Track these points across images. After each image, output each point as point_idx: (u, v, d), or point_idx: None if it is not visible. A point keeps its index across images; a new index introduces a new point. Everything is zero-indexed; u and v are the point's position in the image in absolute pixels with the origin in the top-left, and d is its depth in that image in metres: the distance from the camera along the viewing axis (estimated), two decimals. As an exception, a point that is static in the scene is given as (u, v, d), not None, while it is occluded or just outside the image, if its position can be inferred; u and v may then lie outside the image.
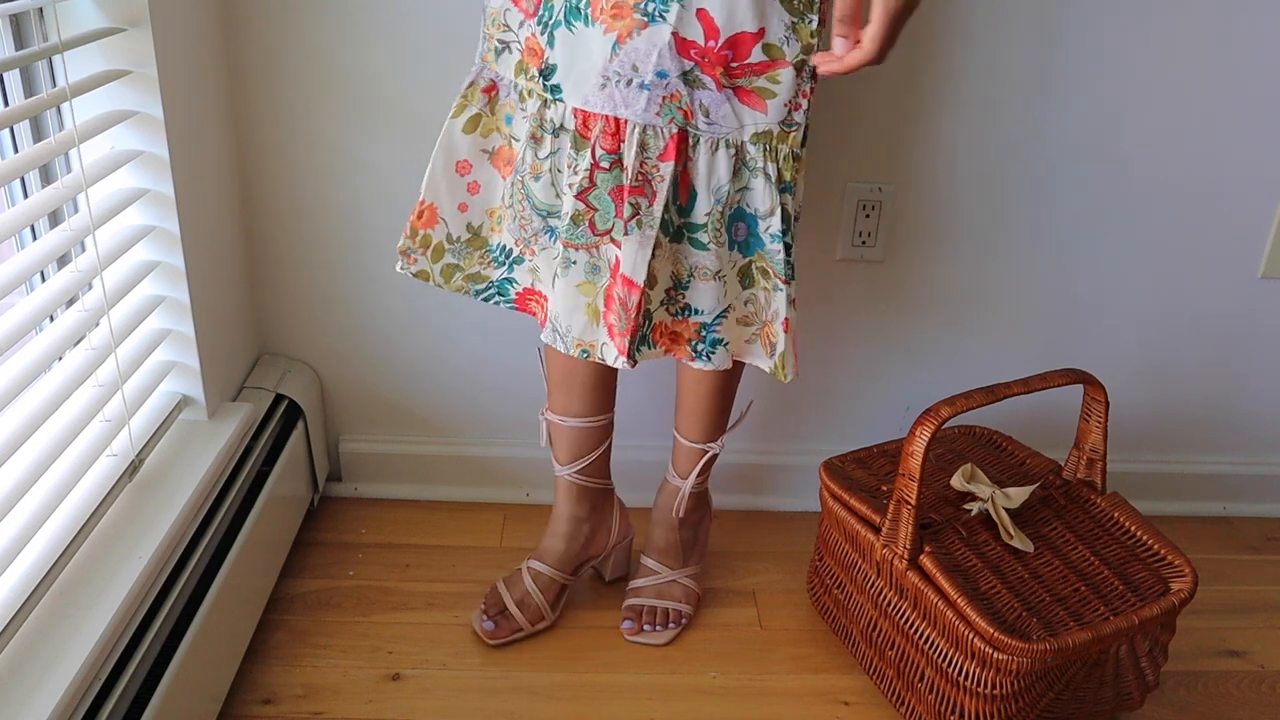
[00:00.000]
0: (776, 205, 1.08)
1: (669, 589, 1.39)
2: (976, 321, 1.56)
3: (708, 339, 1.15)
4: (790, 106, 1.06)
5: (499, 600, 1.36)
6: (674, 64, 1.03)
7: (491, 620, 1.34)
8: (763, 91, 1.05)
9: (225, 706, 1.19)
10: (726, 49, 1.02)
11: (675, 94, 1.04)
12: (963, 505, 1.27)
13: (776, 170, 1.08)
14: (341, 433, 1.59)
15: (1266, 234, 1.52)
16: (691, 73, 1.04)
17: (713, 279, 1.12)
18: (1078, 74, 1.41)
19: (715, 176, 1.08)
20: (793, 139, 1.08)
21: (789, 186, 1.09)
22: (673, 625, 1.37)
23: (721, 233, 1.10)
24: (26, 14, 1.07)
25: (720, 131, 1.06)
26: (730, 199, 1.09)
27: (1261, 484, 1.69)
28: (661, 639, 1.36)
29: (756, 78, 1.04)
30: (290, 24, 1.33)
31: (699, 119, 1.06)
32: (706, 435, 1.33)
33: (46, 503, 1.00)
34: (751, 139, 1.07)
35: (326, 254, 1.47)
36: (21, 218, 0.97)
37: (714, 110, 1.05)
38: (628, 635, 1.36)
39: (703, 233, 1.10)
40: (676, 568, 1.40)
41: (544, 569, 1.37)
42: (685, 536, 1.41)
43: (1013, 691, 1.12)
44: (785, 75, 1.05)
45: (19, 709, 0.86)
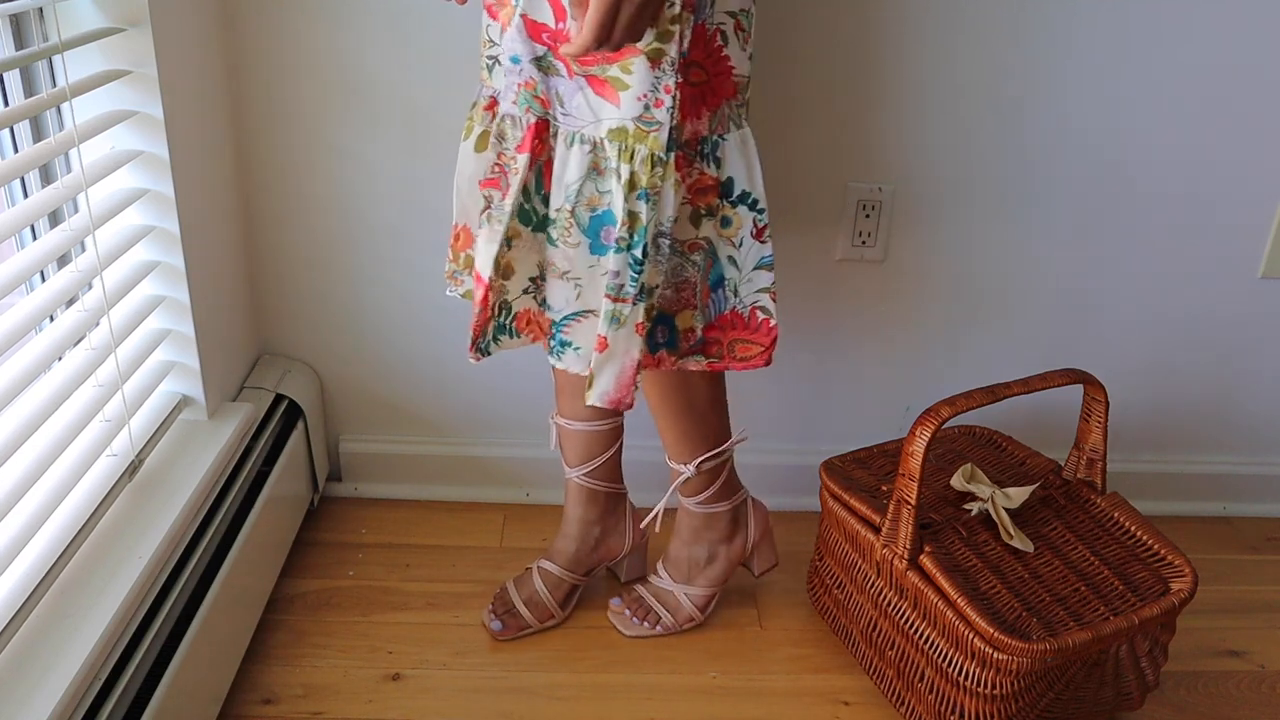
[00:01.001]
0: (628, 214, 1.00)
1: (666, 596, 1.37)
2: (976, 322, 1.56)
3: (557, 337, 1.10)
4: (648, 102, 0.98)
5: (507, 600, 1.36)
6: (525, 48, 0.99)
7: (499, 619, 1.34)
8: (615, 82, 0.98)
9: (225, 706, 1.19)
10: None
11: (530, 81, 1.00)
12: (963, 505, 1.27)
13: (630, 173, 0.99)
14: (341, 433, 1.59)
15: (1266, 234, 1.52)
16: (545, 58, 0.99)
17: (560, 278, 1.06)
18: (1078, 75, 1.41)
19: (567, 172, 1.02)
20: (653, 140, 0.98)
21: (646, 194, 1.00)
22: (647, 625, 1.36)
23: (572, 231, 1.03)
24: (26, 14, 1.07)
25: (575, 124, 1.01)
26: (591, 199, 1.03)
27: (1261, 484, 1.69)
28: (628, 629, 1.36)
29: (609, 66, 0.97)
30: (290, 24, 1.33)
31: (555, 108, 1.00)
32: (675, 453, 1.28)
33: (46, 503, 1.00)
34: (608, 135, 1.00)
35: (326, 254, 1.47)
36: (21, 218, 0.97)
37: (568, 100, 1.00)
38: (609, 609, 1.38)
39: (554, 228, 1.04)
40: (680, 581, 1.37)
41: (553, 569, 1.37)
42: (695, 554, 1.36)
43: (1013, 691, 1.12)
44: (638, 65, 0.97)
45: (19, 709, 0.86)
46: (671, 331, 1.11)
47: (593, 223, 1.04)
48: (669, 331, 1.11)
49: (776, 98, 1.40)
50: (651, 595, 1.38)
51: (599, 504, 1.36)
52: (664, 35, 0.95)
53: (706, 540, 1.35)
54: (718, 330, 1.13)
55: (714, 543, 1.35)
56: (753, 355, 1.14)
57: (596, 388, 1.06)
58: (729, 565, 1.37)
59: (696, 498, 1.32)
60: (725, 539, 1.35)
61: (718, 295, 1.11)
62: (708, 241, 1.08)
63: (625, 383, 1.05)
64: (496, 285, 1.07)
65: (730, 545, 1.36)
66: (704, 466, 1.27)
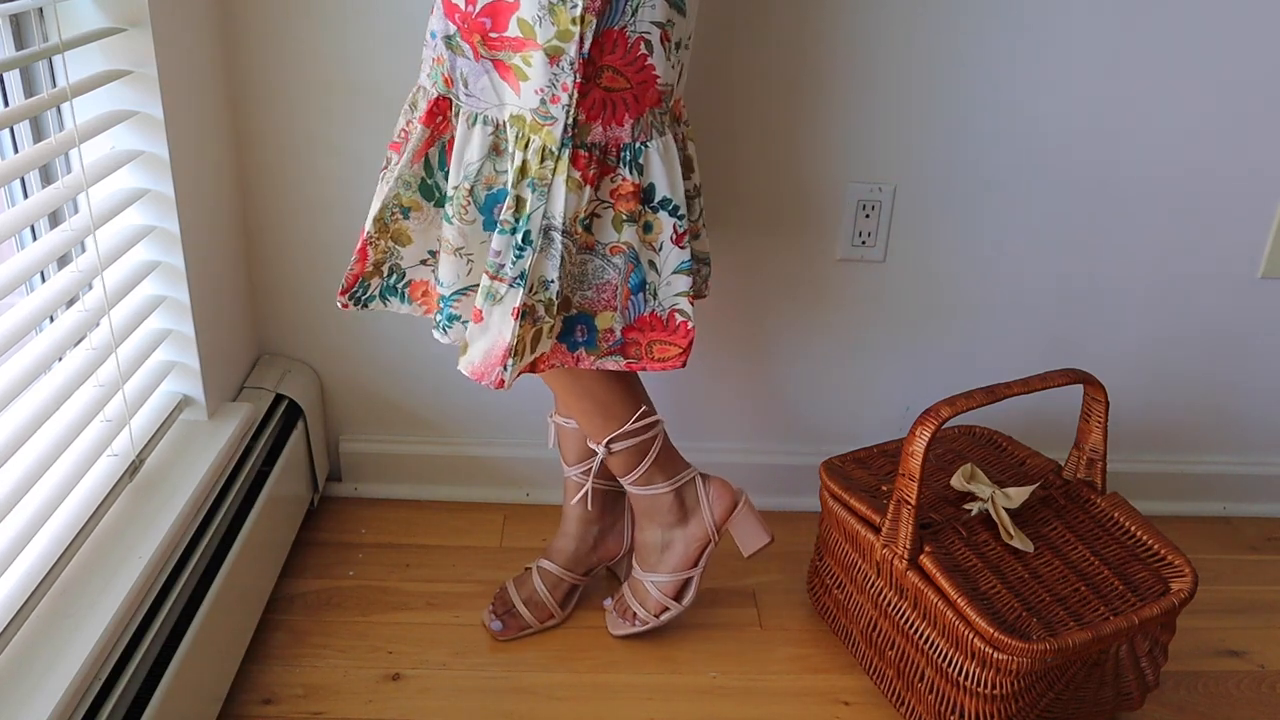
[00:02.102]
0: (515, 198, 1.04)
1: (636, 587, 1.35)
2: (976, 321, 1.56)
3: (445, 311, 1.12)
4: (544, 96, 1.00)
5: (507, 600, 1.36)
6: (440, 25, 1.02)
7: (499, 619, 1.34)
8: (517, 71, 1.01)
9: (225, 706, 1.19)
10: (484, 16, 0.99)
11: (439, 57, 1.04)
12: (963, 505, 1.27)
13: (522, 161, 1.03)
14: (341, 433, 1.59)
15: (1266, 234, 1.52)
16: (454, 38, 1.02)
17: (453, 254, 1.08)
18: (1079, 75, 1.41)
19: (467, 151, 1.05)
20: (547, 133, 1.01)
21: (534, 183, 1.03)
22: (626, 622, 1.35)
23: (469, 209, 1.06)
24: (27, 14, 1.07)
25: (478, 105, 1.03)
26: (489, 178, 1.06)
27: (1261, 484, 1.69)
28: (615, 629, 1.36)
29: (514, 54, 1.00)
30: (290, 24, 1.33)
31: (459, 87, 1.04)
32: (588, 436, 1.28)
33: (47, 503, 1.00)
34: (509, 119, 1.03)
35: (326, 254, 1.47)
36: (22, 218, 0.97)
37: (472, 81, 1.03)
38: (609, 606, 1.38)
39: (450, 205, 1.07)
40: (647, 570, 1.34)
41: (552, 568, 1.37)
42: (650, 540, 1.33)
43: (1013, 691, 1.12)
44: (536, 59, 0.99)
45: (19, 709, 0.86)
46: (591, 331, 1.13)
47: (488, 200, 1.07)
48: (588, 331, 1.13)
49: (777, 98, 1.40)
50: (629, 590, 1.37)
51: (598, 503, 1.36)
52: (564, 34, 0.97)
53: (658, 524, 1.33)
54: (636, 331, 1.14)
55: (666, 527, 1.33)
56: (670, 356, 1.15)
57: (466, 356, 1.09)
58: (688, 549, 1.33)
59: (628, 478, 1.29)
60: (678, 522, 1.32)
61: (637, 298, 1.13)
62: (629, 246, 1.10)
63: (493, 361, 1.07)
64: (375, 242, 1.11)
65: (685, 528, 1.32)
66: (614, 446, 1.26)
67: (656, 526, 1.33)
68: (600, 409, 1.26)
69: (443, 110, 1.06)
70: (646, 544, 1.34)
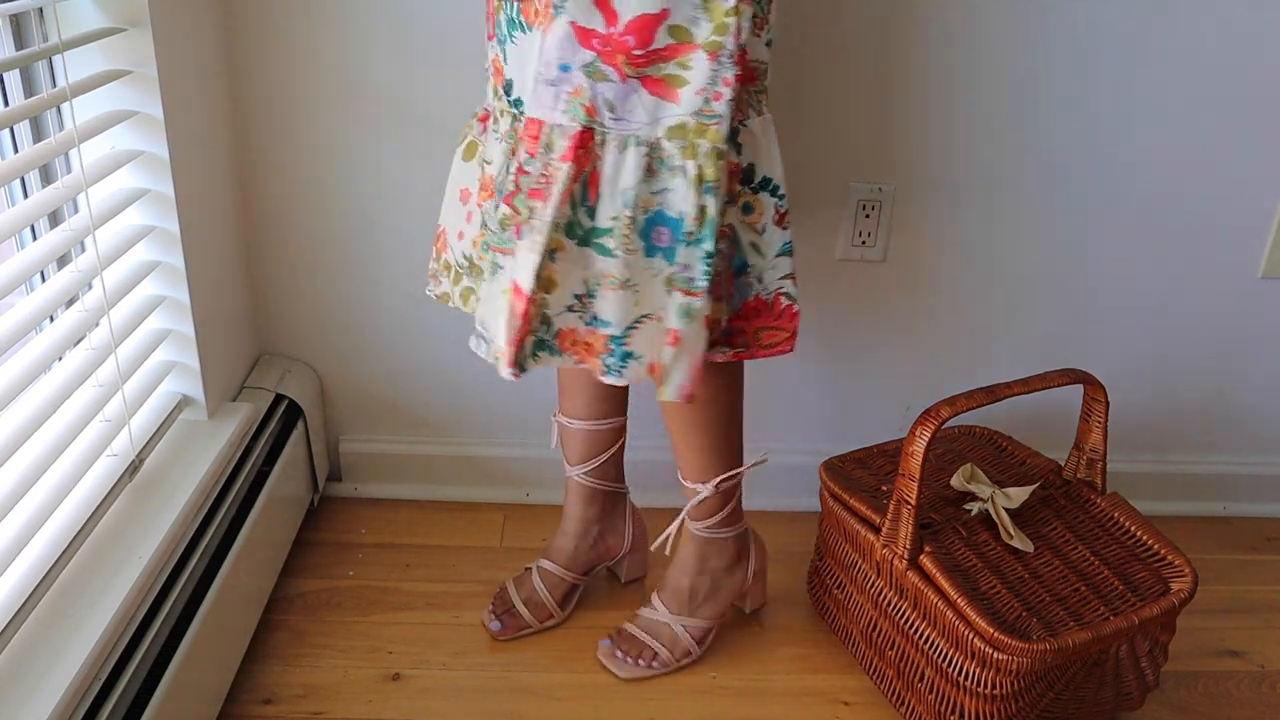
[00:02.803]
0: (698, 208, 0.99)
1: (659, 629, 1.31)
2: (976, 321, 1.56)
3: (617, 352, 1.05)
4: (707, 95, 0.97)
5: (507, 599, 1.36)
6: (574, 55, 0.97)
7: (499, 619, 1.34)
8: (672, 80, 0.97)
9: (225, 706, 1.19)
10: (629, 34, 0.95)
11: (578, 89, 0.98)
12: (963, 505, 1.27)
13: (698, 168, 0.98)
14: (341, 433, 1.59)
15: (1266, 234, 1.52)
16: (594, 64, 0.97)
17: (620, 288, 1.02)
18: (1078, 74, 1.41)
19: (621, 178, 0.99)
20: (713, 133, 0.98)
21: (712, 187, 0.99)
22: (642, 664, 1.30)
23: (632, 238, 1.01)
24: (26, 14, 1.07)
25: (628, 128, 0.99)
26: (644, 202, 1.00)
27: (1261, 484, 1.69)
28: (622, 672, 1.30)
29: (666, 64, 0.97)
30: (290, 24, 1.33)
31: (604, 115, 0.98)
32: (692, 472, 1.24)
33: (47, 503, 1.00)
34: (666, 134, 0.99)
35: (326, 254, 1.47)
36: (21, 218, 0.97)
37: (619, 104, 0.98)
38: (599, 651, 1.32)
39: (608, 238, 1.01)
40: (676, 612, 1.31)
41: (552, 568, 1.36)
42: (697, 584, 1.31)
43: (1013, 691, 1.12)
44: (697, 59, 0.96)
45: (19, 709, 0.86)
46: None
47: (646, 225, 1.02)
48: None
49: (778, 98, 1.40)
50: (644, 631, 1.32)
51: (599, 503, 1.36)
52: (721, 28, 0.95)
53: (710, 570, 1.31)
54: (742, 319, 1.11)
55: (718, 572, 1.31)
56: (778, 342, 1.13)
57: (671, 383, 1.05)
58: (730, 597, 1.33)
59: (706, 521, 1.27)
60: (729, 569, 1.31)
61: (740, 283, 1.10)
62: (731, 229, 1.06)
63: (696, 375, 1.05)
64: (538, 299, 1.02)
65: (732, 576, 1.32)
66: (722, 487, 1.24)
67: (708, 571, 1.31)
68: (721, 444, 1.22)
69: (585, 143, 1.00)
70: (691, 588, 1.31)
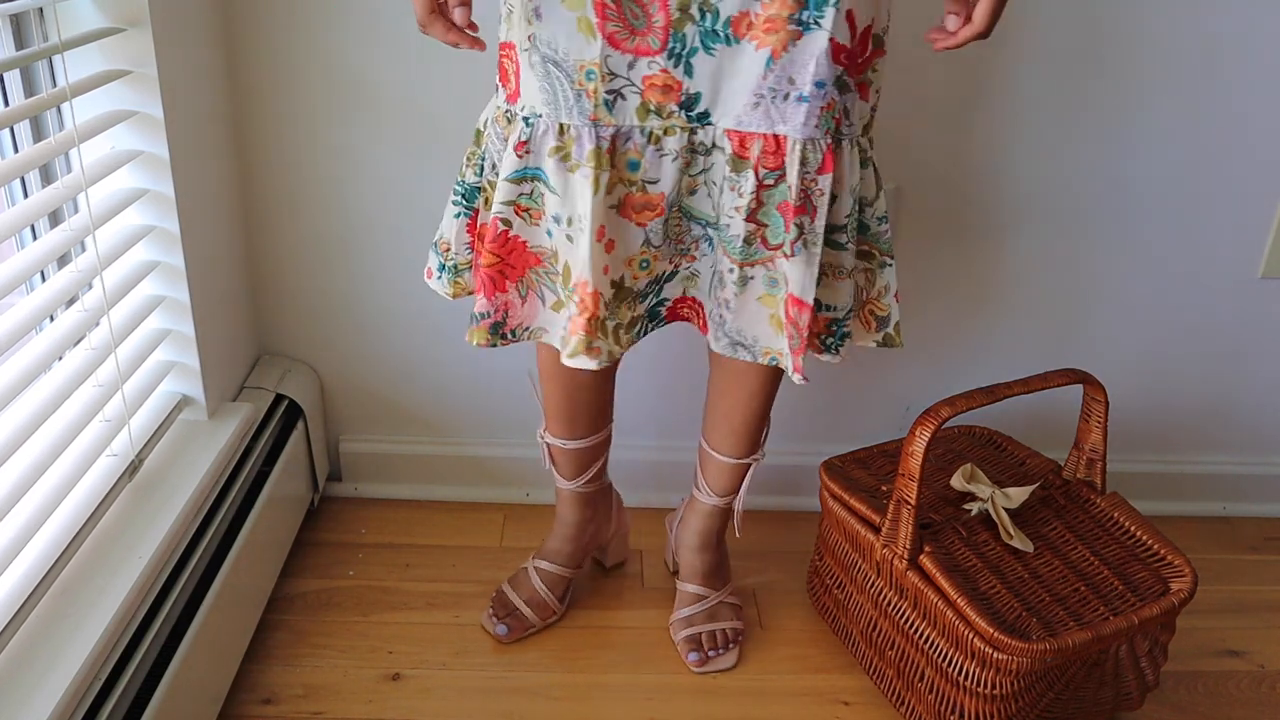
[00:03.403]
0: (879, 189, 1.09)
1: (720, 611, 1.36)
2: (977, 321, 1.56)
3: (838, 333, 1.12)
4: (877, 87, 1.07)
5: (508, 603, 1.36)
6: (829, 71, 0.99)
7: (503, 623, 1.34)
8: (869, 81, 1.05)
9: (225, 706, 1.19)
10: (859, 45, 1.01)
11: (831, 102, 1.01)
12: (963, 505, 1.27)
13: (872, 156, 1.09)
14: (341, 433, 1.59)
15: (1266, 234, 1.52)
16: (841, 77, 1.01)
17: (847, 276, 1.10)
18: (1078, 74, 1.41)
19: (852, 176, 1.06)
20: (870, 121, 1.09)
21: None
22: (734, 645, 1.34)
23: (854, 230, 1.09)
24: (26, 14, 1.07)
25: (854, 131, 1.05)
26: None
27: (1261, 484, 1.69)
28: (730, 661, 1.33)
29: (868, 69, 1.04)
30: (290, 24, 1.33)
31: (844, 123, 1.04)
32: (742, 445, 1.29)
33: (46, 503, 1.00)
34: (861, 130, 1.07)
35: (326, 254, 1.47)
36: (21, 218, 0.97)
37: (852, 111, 1.04)
38: (696, 668, 1.32)
39: (842, 233, 1.07)
40: (720, 588, 1.37)
41: (551, 568, 1.37)
42: (720, 557, 1.38)
43: (1013, 691, 1.12)
44: (882, 63, 1.05)
45: (19, 709, 0.86)
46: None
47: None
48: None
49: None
50: (708, 621, 1.35)
51: (593, 504, 1.36)
52: (886, 28, 1.04)
53: (720, 541, 1.39)
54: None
55: (723, 537, 1.40)
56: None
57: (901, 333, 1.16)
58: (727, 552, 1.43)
59: (736, 493, 1.32)
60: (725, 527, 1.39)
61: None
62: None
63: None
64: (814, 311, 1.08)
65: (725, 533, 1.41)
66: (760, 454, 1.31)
67: (722, 542, 1.40)
68: (765, 413, 1.29)
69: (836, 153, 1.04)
70: (718, 562, 1.39)
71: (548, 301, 1.11)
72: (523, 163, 1.04)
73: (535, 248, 1.09)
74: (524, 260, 1.09)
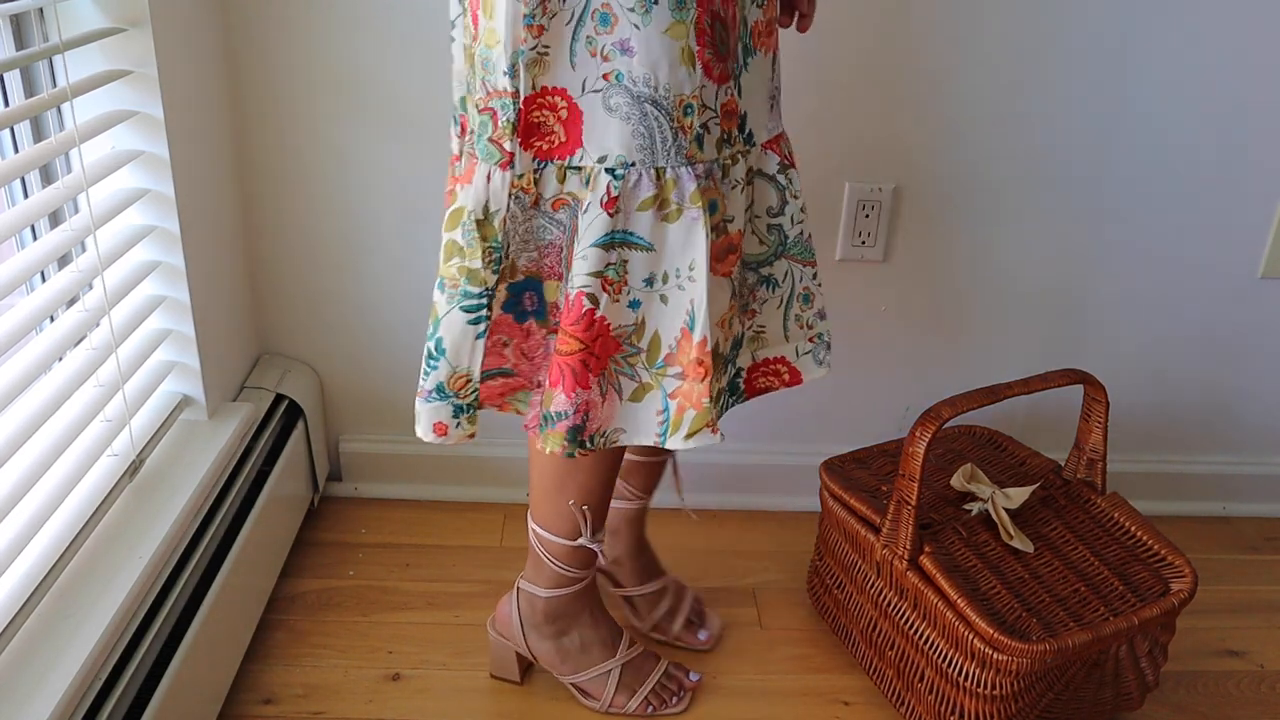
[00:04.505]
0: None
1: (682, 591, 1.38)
2: (976, 321, 1.56)
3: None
4: None
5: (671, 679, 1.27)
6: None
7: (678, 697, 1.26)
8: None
9: (225, 706, 1.19)
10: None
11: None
12: (963, 505, 1.27)
13: None
14: (341, 433, 1.59)
15: (1266, 234, 1.52)
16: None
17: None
18: (1077, 75, 1.41)
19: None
20: None
21: None
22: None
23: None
24: (27, 14, 1.07)
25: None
26: None
27: (1261, 484, 1.69)
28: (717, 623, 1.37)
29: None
30: (290, 24, 1.33)
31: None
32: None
33: (47, 503, 1.00)
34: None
35: (327, 254, 1.47)
36: (22, 218, 0.97)
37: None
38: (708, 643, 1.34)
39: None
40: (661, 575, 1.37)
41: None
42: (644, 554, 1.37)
43: (1013, 692, 1.12)
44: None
45: (19, 709, 0.86)
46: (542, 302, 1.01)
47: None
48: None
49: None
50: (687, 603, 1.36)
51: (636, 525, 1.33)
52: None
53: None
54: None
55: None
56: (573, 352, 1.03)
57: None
58: None
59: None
60: None
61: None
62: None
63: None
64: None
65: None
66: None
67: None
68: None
69: None
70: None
71: (625, 393, 0.97)
72: (614, 224, 0.91)
73: (618, 330, 0.95)
74: (608, 347, 0.95)
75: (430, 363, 0.98)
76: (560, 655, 1.22)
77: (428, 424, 1.00)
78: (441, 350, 0.97)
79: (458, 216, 0.95)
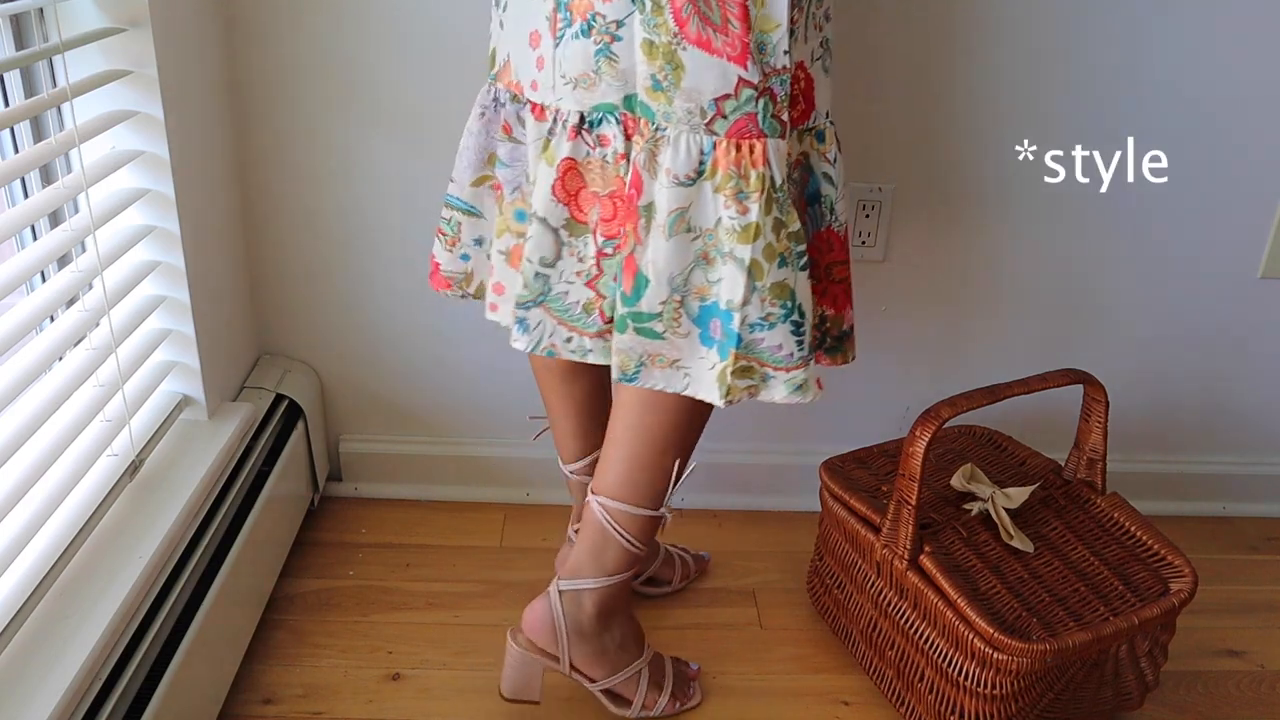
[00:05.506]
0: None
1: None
2: (976, 321, 1.56)
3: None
4: None
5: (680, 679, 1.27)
6: None
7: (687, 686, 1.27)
8: None
9: (225, 706, 1.19)
10: None
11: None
12: (963, 505, 1.27)
13: None
14: (341, 433, 1.59)
15: (1266, 234, 1.52)
16: None
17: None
18: (1076, 74, 1.41)
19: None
20: None
21: None
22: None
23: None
24: (27, 14, 1.07)
25: None
26: None
27: (1261, 484, 1.69)
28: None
29: None
30: (290, 24, 1.33)
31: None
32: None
33: (47, 503, 1.00)
34: None
35: (327, 254, 1.47)
36: (22, 218, 0.97)
37: None
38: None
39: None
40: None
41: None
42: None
43: (1013, 692, 1.12)
44: None
45: (19, 709, 0.86)
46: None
47: None
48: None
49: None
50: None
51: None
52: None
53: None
54: (814, 250, 1.08)
55: None
56: (848, 277, 1.11)
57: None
58: None
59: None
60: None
61: (814, 211, 1.08)
62: (804, 156, 1.06)
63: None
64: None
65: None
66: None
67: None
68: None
69: None
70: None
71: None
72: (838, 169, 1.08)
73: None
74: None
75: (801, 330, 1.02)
76: (600, 657, 1.20)
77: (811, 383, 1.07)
78: (803, 314, 1.02)
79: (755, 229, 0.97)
